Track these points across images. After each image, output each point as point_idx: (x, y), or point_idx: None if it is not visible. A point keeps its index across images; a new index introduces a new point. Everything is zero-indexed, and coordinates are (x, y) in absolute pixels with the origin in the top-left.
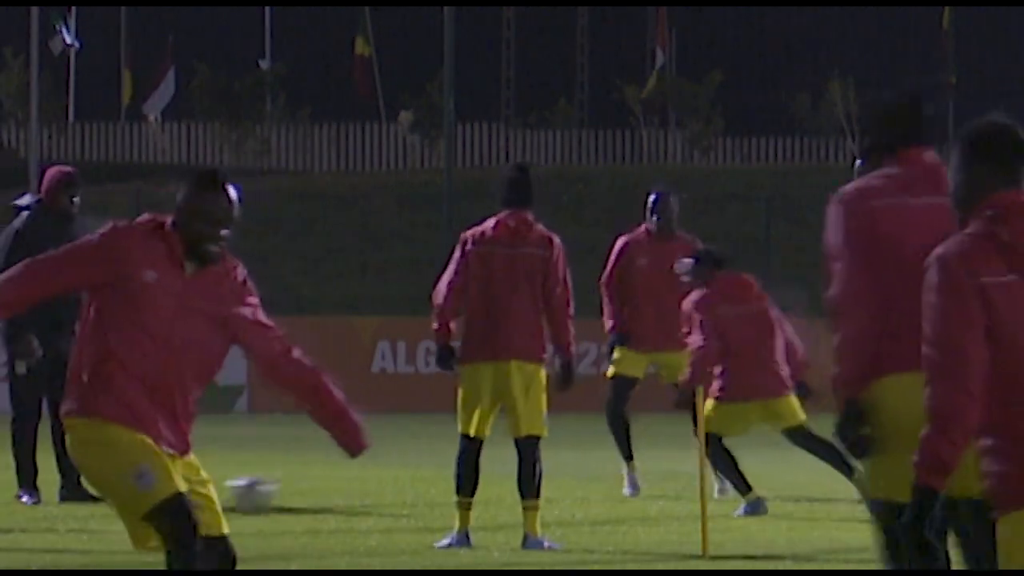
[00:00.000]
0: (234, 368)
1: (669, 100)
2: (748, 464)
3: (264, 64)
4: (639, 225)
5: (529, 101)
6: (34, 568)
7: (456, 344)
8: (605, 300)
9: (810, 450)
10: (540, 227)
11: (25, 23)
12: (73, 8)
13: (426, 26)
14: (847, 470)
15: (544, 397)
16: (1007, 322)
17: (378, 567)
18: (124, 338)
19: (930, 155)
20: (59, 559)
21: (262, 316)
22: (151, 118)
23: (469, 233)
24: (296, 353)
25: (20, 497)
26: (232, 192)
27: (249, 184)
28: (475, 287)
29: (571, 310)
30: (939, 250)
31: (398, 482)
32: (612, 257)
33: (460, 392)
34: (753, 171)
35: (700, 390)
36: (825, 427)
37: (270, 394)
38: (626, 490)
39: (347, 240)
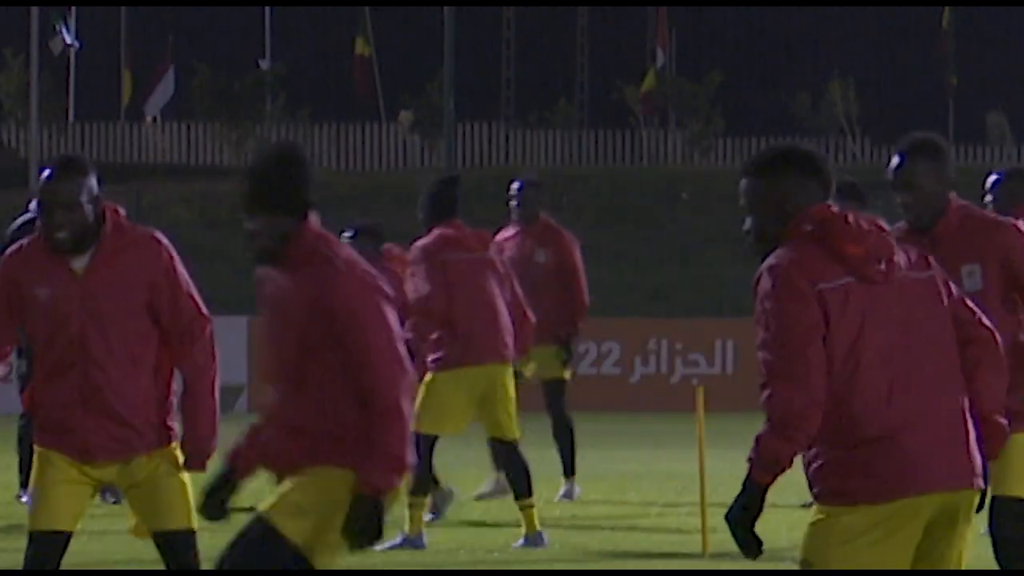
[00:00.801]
0: (234, 368)
1: (669, 100)
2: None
3: (264, 64)
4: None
5: (529, 101)
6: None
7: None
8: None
9: None
10: (485, 233)
11: (25, 23)
12: (73, 8)
13: (426, 26)
14: None
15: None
16: (845, 326)
17: (378, 567)
18: (44, 356)
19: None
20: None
21: (180, 293)
22: (150, 118)
23: (428, 244)
24: (190, 344)
25: (20, 498)
26: (48, 173)
27: None
28: (452, 294)
29: (530, 313)
30: (772, 260)
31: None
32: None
33: (430, 394)
34: None
35: (701, 389)
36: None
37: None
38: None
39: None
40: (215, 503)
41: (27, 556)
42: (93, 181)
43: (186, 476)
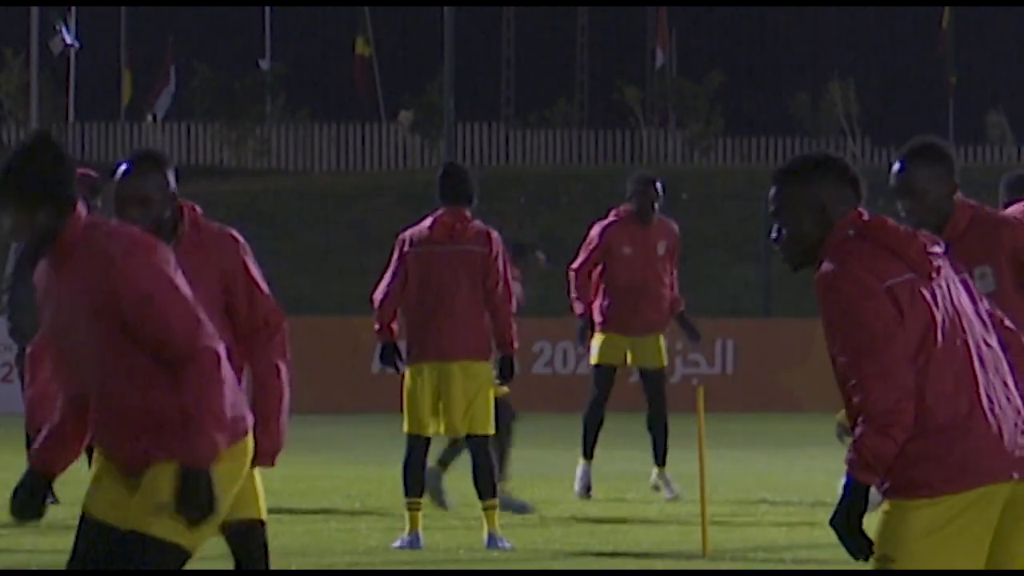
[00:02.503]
0: None
1: (669, 100)
2: (750, 464)
3: (264, 64)
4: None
5: (529, 101)
6: (34, 568)
7: (401, 343)
8: (575, 286)
9: None
10: (478, 223)
11: (25, 23)
12: (73, 8)
13: (426, 26)
14: None
15: (491, 396)
16: (915, 320)
17: (378, 567)
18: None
19: None
20: (59, 559)
21: (256, 289)
22: (150, 118)
23: (408, 233)
24: (266, 339)
25: None
26: (123, 168)
27: (249, 184)
28: (415, 287)
29: (512, 306)
30: (833, 265)
31: (398, 482)
32: (591, 244)
33: (405, 392)
34: (753, 171)
35: (701, 389)
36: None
37: None
38: (576, 487)
39: (347, 240)
40: (34, 504)
41: None
42: (169, 177)
43: (255, 468)
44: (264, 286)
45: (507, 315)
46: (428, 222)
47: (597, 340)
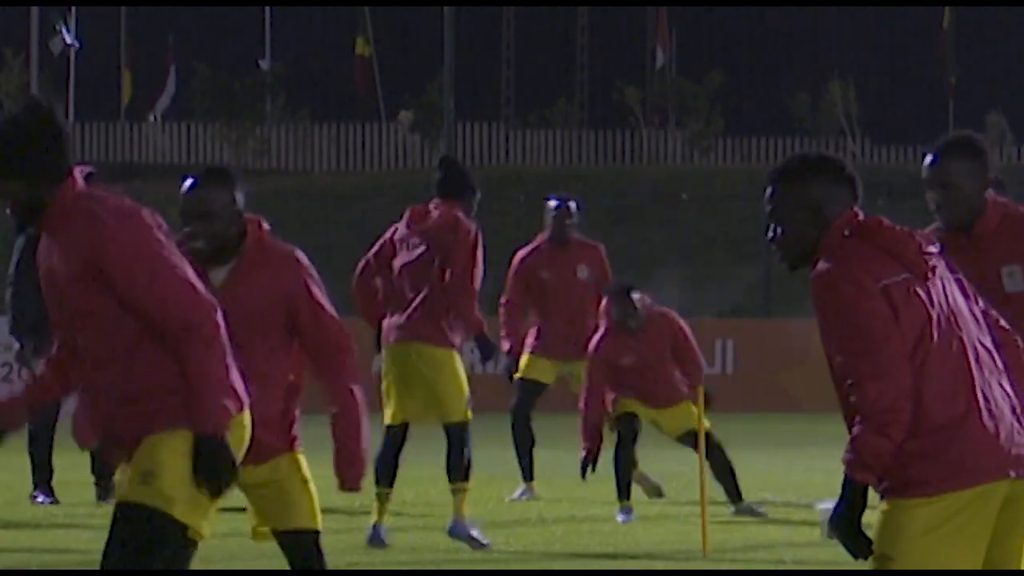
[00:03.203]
0: None
1: (669, 100)
2: (750, 464)
3: (264, 64)
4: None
5: (529, 101)
6: (34, 568)
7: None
8: (503, 321)
9: None
10: (453, 213)
11: (25, 23)
12: (73, 8)
13: (426, 26)
14: None
15: (460, 382)
16: (911, 320)
17: (378, 567)
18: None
19: None
20: (59, 559)
21: (321, 311)
22: (151, 118)
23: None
24: (340, 364)
25: (35, 498)
26: (189, 182)
27: (249, 184)
28: (384, 273)
29: (474, 289)
30: (829, 265)
31: (398, 482)
32: (511, 274)
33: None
34: (753, 171)
35: (701, 389)
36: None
37: None
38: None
39: (347, 240)
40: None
41: None
42: (236, 193)
43: (308, 476)
44: (330, 308)
45: (465, 299)
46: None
47: (524, 359)
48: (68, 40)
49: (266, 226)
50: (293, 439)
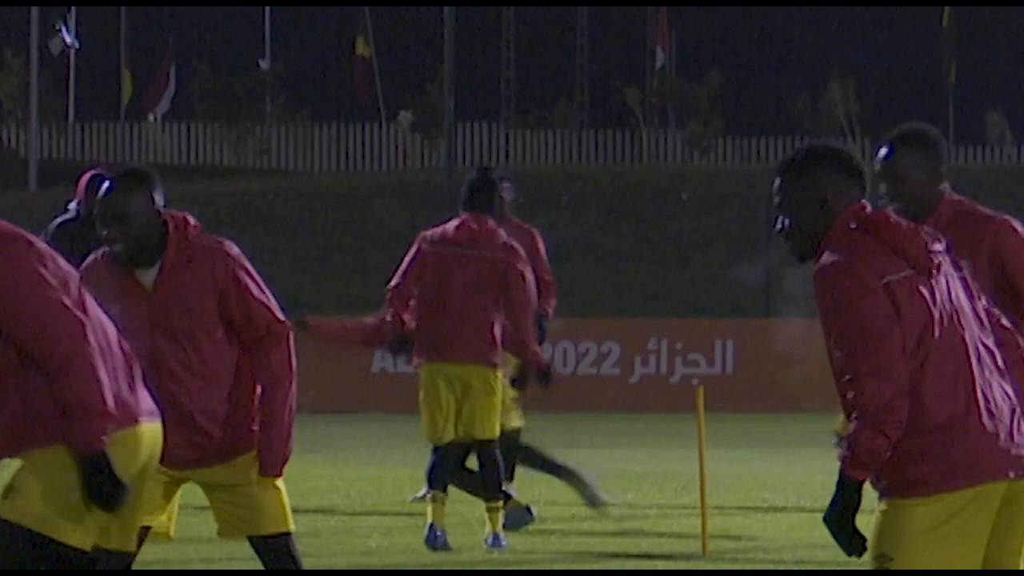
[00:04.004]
0: None
1: (669, 100)
2: (750, 464)
3: (264, 64)
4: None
5: (529, 101)
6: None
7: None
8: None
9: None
10: (502, 232)
11: (25, 23)
12: (73, 8)
13: (426, 26)
14: None
15: (497, 400)
16: (913, 317)
17: (378, 567)
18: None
19: None
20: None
21: (251, 300)
22: (151, 118)
23: (428, 232)
24: (267, 349)
25: None
26: (104, 186)
27: (249, 184)
28: (431, 288)
29: (531, 314)
30: (833, 258)
31: (398, 482)
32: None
33: (421, 394)
34: (753, 171)
35: (701, 389)
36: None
37: None
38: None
39: (347, 240)
40: None
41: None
42: (154, 194)
43: (279, 479)
44: (261, 296)
45: (524, 322)
46: (454, 224)
47: None
48: (68, 40)
49: (193, 222)
50: (254, 435)
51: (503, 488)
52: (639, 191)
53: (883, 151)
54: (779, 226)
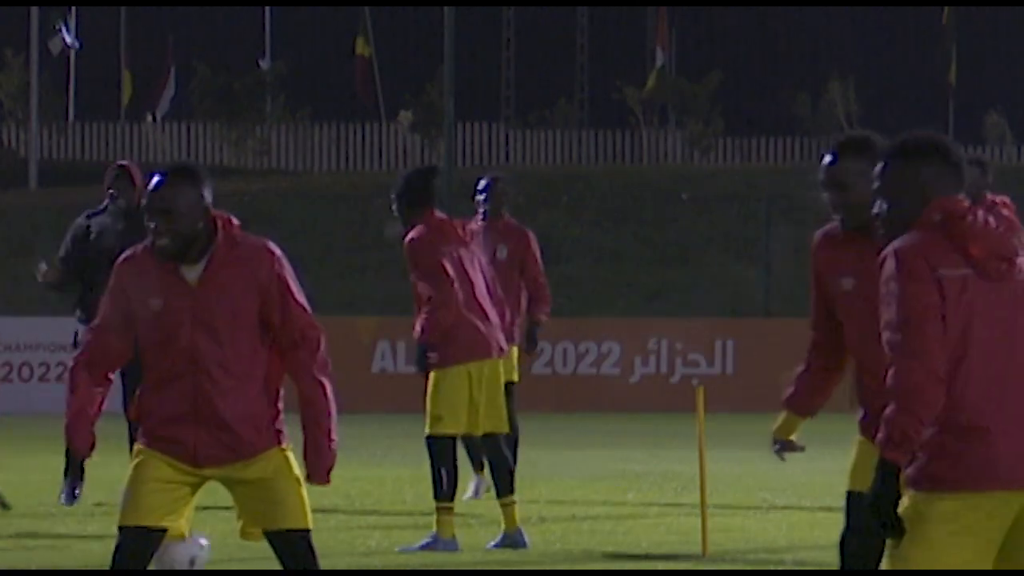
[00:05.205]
0: None
1: (669, 100)
2: (750, 464)
3: (264, 64)
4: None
5: (529, 101)
6: (34, 568)
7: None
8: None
9: None
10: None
11: (25, 23)
12: (73, 8)
13: (426, 26)
14: None
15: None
16: (958, 314)
17: (378, 567)
18: (155, 366)
19: None
20: (59, 559)
21: (291, 302)
22: (150, 118)
23: (423, 236)
24: (307, 356)
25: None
26: (155, 180)
27: (249, 184)
28: (449, 288)
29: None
30: (897, 244)
31: (398, 482)
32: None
33: (443, 392)
34: (753, 171)
35: (701, 388)
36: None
37: None
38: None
39: (347, 240)
40: None
41: (115, 550)
42: (203, 190)
43: (299, 474)
44: (301, 300)
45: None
46: (443, 223)
47: None
48: (68, 40)
49: (236, 222)
50: (278, 434)
51: (513, 481)
52: (639, 191)
53: (827, 159)
54: (876, 210)
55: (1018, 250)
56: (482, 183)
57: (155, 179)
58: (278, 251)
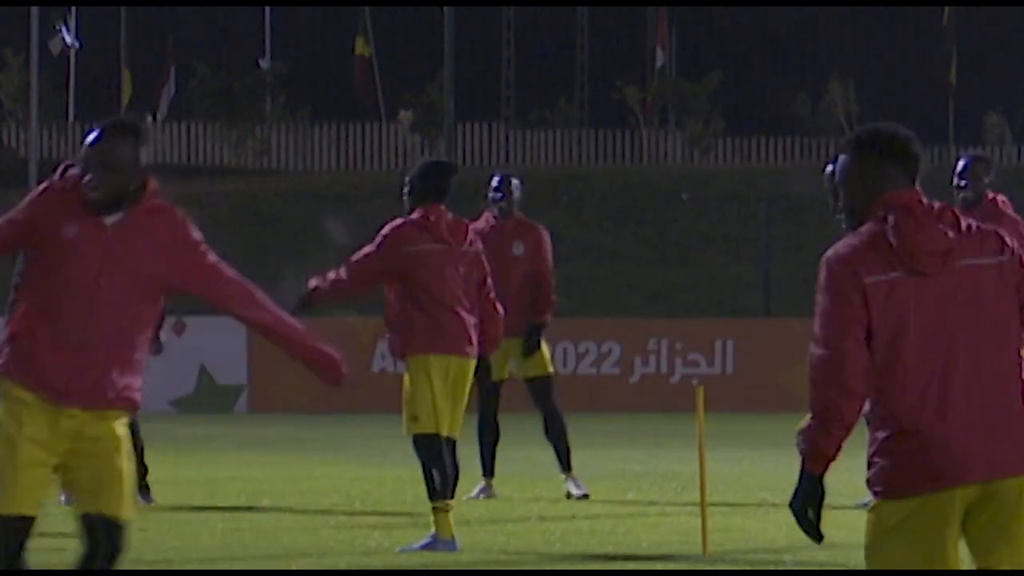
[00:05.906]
0: (234, 367)
1: (669, 100)
2: (750, 464)
3: (264, 64)
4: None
5: (529, 101)
6: (34, 568)
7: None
8: None
9: None
10: (467, 223)
11: (25, 23)
12: (73, 8)
13: (426, 26)
14: None
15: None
16: (888, 319)
17: (378, 567)
18: (49, 293)
19: None
20: (59, 559)
21: (210, 260)
22: (150, 118)
23: (400, 227)
24: (245, 294)
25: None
26: (95, 132)
27: (249, 184)
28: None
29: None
30: (829, 252)
31: (398, 482)
32: None
33: (415, 391)
34: (753, 171)
35: (701, 389)
36: None
37: (270, 393)
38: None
39: (347, 240)
40: None
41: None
42: (141, 150)
43: (128, 464)
44: (214, 258)
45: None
46: (420, 219)
47: None
48: (68, 40)
49: (160, 191)
50: (127, 401)
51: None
52: (639, 191)
53: (830, 168)
54: (835, 201)
55: (955, 240)
56: (495, 180)
57: (95, 132)
58: (180, 213)
